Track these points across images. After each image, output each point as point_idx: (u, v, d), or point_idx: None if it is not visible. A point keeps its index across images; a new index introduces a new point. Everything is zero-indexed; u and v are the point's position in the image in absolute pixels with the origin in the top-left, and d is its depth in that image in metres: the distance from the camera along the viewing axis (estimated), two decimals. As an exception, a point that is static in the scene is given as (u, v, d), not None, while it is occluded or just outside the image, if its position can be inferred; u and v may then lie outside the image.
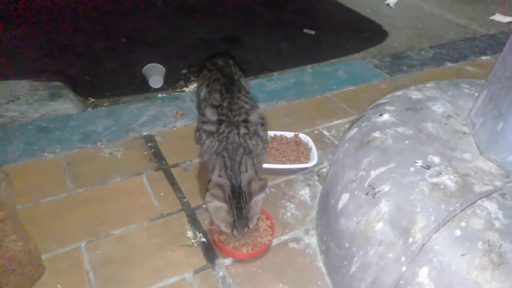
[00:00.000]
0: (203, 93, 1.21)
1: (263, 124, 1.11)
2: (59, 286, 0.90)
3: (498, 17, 3.12)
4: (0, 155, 1.23)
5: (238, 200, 0.92)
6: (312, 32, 2.66)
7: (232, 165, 0.97)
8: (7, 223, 0.82)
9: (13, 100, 1.59)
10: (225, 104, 1.09)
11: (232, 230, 0.94)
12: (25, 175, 1.18)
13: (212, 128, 1.06)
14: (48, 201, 1.10)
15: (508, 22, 3.05)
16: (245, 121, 1.06)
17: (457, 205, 0.73)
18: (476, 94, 0.96)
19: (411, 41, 2.68)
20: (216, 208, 0.93)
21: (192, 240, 1.03)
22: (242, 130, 1.03)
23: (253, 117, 1.08)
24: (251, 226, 0.96)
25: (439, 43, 2.39)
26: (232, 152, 0.99)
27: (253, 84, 1.75)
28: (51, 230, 1.02)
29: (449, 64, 2.04)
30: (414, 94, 1.08)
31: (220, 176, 0.96)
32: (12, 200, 0.88)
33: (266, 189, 1.11)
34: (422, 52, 2.15)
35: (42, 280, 0.91)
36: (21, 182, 1.14)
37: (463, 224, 0.71)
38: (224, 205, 0.91)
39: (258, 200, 0.95)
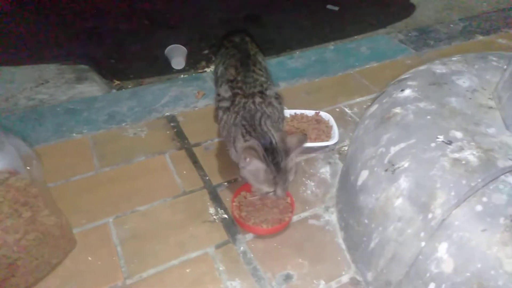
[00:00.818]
0: (219, 70, 1.22)
1: (277, 97, 1.11)
2: (89, 258, 0.95)
3: (536, -15, 2.92)
4: (32, 136, 1.29)
5: (273, 156, 0.91)
6: (336, 8, 2.59)
7: (255, 129, 0.97)
8: (39, 199, 0.87)
9: (42, 84, 1.65)
10: (239, 78, 1.10)
11: (275, 188, 0.92)
12: (55, 155, 1.23)
13: (227, 103, 1.07)
14: (77, 179, 1.16)
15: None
16: (261, 92, 1.06)
17: (479, 180, 0.71)
18: (505, 67, 0.92)
19: (440, 14, 2.56)
20: (254, 172, 0.92)
21: (214, 217, 1.06)
22: (257, 100, 1.04)
23: (269, 92, 1.08)
24: (291, 179, 0.95)
25: (470, 16, 2.28)
26: (250, 118, 0.99)
27: (274, 62, 1.74)
28: (81, 206, 1.08)
29: (480, 37, 1.94)
30: (439, 68, 1.05)
31: (246, 141, 0.96)
32: (42, 177, 0.93)
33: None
34: (451, 25, 2.06)
35: (74, 253, 0.96)
36: (52, 161, 1.20)
37: (484, 199, 0.70)
38: (261, 164, 0.89)
39: (294, 156, 0.95)
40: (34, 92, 1.59)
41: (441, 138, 0.81)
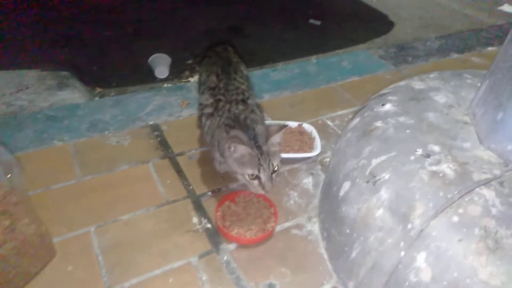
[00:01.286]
0: (203, 78, 1.24)
1: (258, 107, 1.13)
2: (70, 268, 0.94)
3: (507, 8, 3.08)
4: (11, 143, 1.26)
5: (255, 140, 0.94)
6: (318, 23, 2.65)
7: (239, 123, 0.99)
8: (19, 207, 0.85)
9: (22, 90, 1.62)
10: (221, 85, 1.12)
11: (259, 172, 0.93)
12: (35, 162, 1.21)
13: (210, 110, 1.09)
14: (58, 188, 1.14)
15: (516, 13, 3.02)
16: (243, 100, 1.08)
17: (455, 192, 0.75)
18: (479, 84, 0.97)
19: (418, 31, 2.66)
20: (239, 158, 0.94)
21: (198, 226, 1.06)
22: (240, 107, 1.06)
23: (250, 101, 1.10)
24: (275, 164, 0.96)
25: (445, 34, 2.38)
26: (235, 118, 1.01)
27: (257, 74, 1.76)
28: (61, 215, 1.06)
29: (455, 55, 2.03)
30: (417, 84, 1.09)
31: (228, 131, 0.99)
32: (23, 185, 0.91)
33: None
34: (428, 43, 2.15)
35: (54, 262, 0.95)
36: (32, 169, 1.17)
37: (460, 211, 0.73)
38: (245, 148, 0.92)
39: (275, 141, 0.97)
40: (14, 98, 1.55)
41: (419, 151, 0.84)
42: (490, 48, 2.11)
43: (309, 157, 1.29)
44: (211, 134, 1.07)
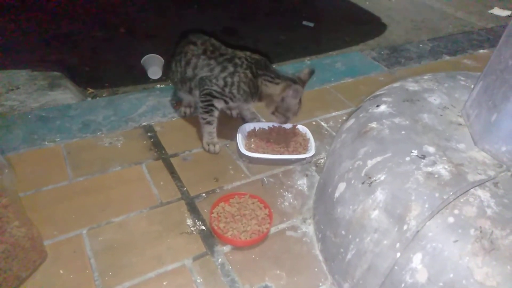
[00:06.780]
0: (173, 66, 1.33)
1: None
2: (61, 271, 0.92)
3: (497, 11, 3.13)
4: (1, 144, 1.24)
5: None
6: (311, 24, 2.66)
7: (278, 75, 1.25)
8: (9, 209, 0.83)
9: (13, 90, 1.59)
10: (211, 48, 1.24)
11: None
12: (26, 164, 1.19)
13: (230, 69, 1.22)
14: (49, 189, 1.12)
15: (506, 16, 3.06)
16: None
17: (451, 193, 0.75)
18: (472, 86, 0.97)
19: (410, 34, 2.68)
20: (294, 103, 1.23)
21: (192, 228, 1.05)
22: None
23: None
24: None
25: (437, 36, 2.40)
26: (265, 66, 1.28)
27: (252, 75, 1.75)
28: (52, 217, 1.04)
29: (447, 57, 2.05)
30: (411, 85, 1.10)
31: (277, 83, 1.23)
32: (14, 187, 0.89)
33: (264, 178, 1.20)
34: (420, 45, 2.16)
35: (45, 266, 0.93)
36: (22, 170, 1.15)
37: (456, 211, 0.73)
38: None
39: None
40: (4, 98, 1.53)
41: (415, 152, 0.84)
42: (481, 51, 2.14)
43: (304, 158, 1.28)
44: (248, 85, 1.23)
